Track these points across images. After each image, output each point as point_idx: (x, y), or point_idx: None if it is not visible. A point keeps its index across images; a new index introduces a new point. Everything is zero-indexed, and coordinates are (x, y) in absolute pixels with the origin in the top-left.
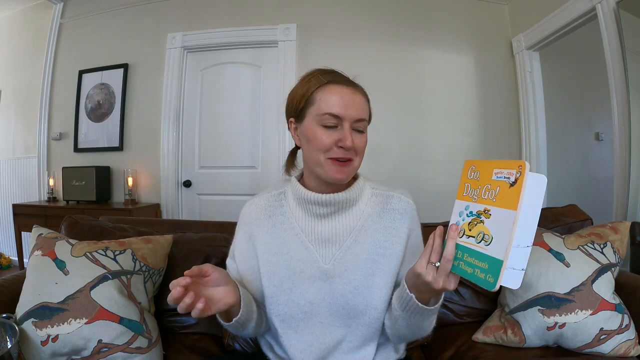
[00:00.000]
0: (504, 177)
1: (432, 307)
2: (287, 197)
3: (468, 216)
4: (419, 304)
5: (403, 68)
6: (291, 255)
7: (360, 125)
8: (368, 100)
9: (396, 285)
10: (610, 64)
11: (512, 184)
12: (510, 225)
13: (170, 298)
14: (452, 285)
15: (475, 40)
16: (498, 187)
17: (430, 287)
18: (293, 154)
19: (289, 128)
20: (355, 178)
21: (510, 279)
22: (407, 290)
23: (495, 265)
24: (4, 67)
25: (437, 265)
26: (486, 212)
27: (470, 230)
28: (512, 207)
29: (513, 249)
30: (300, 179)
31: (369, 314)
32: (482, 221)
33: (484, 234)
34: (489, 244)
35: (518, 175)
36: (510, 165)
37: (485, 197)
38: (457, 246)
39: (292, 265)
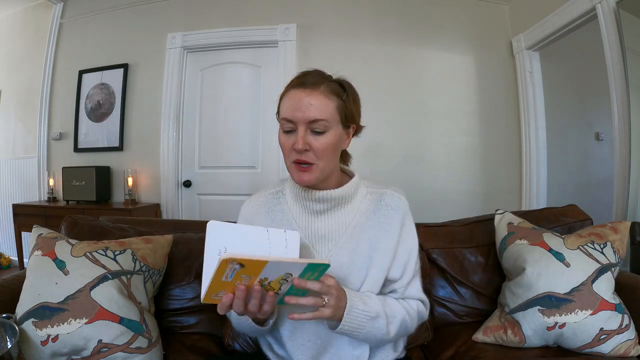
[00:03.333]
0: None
1: (336, 330)
2: (284, 195)
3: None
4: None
5: (403, 68)
6: None
7: (317, 126)
8: (344, 97)
9: (386, 281)
10: (610, 64)
11: (242, 266)
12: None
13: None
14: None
15: (475, 40)
16: (239, 276)
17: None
18: None
19: None
20: (350, 176)
21: None
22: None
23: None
24: (4, 67)
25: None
26: (263, 280)
27: (277, 290)
28: (263, 264)
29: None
30: None
31: None
32: (268, 282)
33: (285, 278)
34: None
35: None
36: (220, 273)
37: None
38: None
39: None
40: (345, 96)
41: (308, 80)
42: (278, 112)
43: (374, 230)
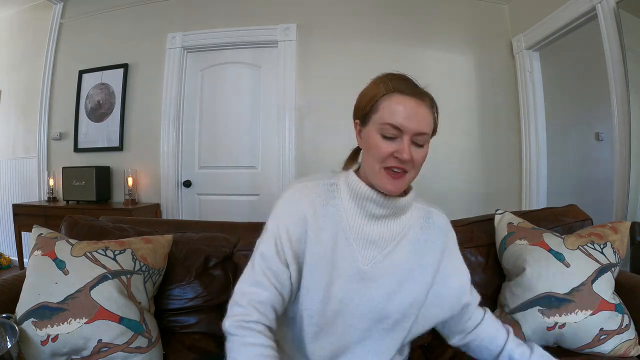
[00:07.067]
0: None
1: None
2: (340, 190)
3: None
4: None
5: (403, 68)
6: (335, 249)
7: (420, 139)
8: (435, 112)
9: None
10: (610, 64)
11: None
12: None
13: None
14: None
15: (475, 40)
16: None
17: None
18: (356, 152)
19: (354, 127)
20: (410, 188)
21: None
22: None
23: None
24: (4, 67)
25: None
26: None
27: None
28: None
29: None
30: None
31: (394, 318)
32: None
33: None
34: None
35: None
36: None
37: None
38: None
39: (334, 261)
40: (435, 112)
41: (412, 88)
42: (366, 111)
43: (419, 244)
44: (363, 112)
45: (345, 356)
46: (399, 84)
